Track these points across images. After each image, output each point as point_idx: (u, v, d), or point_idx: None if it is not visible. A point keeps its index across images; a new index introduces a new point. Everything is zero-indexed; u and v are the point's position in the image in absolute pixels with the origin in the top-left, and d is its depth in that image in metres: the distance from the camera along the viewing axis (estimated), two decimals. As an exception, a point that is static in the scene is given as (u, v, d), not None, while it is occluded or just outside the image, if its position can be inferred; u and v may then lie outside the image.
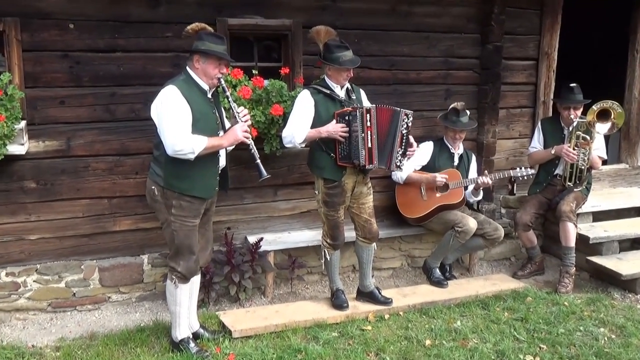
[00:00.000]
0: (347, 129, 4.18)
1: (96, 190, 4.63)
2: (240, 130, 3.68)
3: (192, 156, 3.54)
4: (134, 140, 4.64)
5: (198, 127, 3.59)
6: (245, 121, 3.73)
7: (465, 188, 5.17)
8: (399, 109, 4.19)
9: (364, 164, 4.21)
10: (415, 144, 4.32)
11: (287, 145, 4.28)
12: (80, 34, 4.38)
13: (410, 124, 4.21)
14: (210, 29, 3.78)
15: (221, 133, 3.79)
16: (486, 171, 5.25)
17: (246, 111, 3.82)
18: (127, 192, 4.70)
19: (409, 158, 4.34)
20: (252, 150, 3.74)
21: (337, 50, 4.14)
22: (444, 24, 5.40)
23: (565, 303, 4.79)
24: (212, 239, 4.10)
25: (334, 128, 4.18)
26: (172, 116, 3.49)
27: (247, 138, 3.71)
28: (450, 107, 5.22)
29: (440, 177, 5.01)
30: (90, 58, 4.44)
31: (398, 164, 4.23)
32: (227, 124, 3.88)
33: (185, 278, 3.83)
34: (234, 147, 3.84)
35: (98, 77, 4.48)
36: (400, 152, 4.21)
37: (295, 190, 5.19)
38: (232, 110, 3.76)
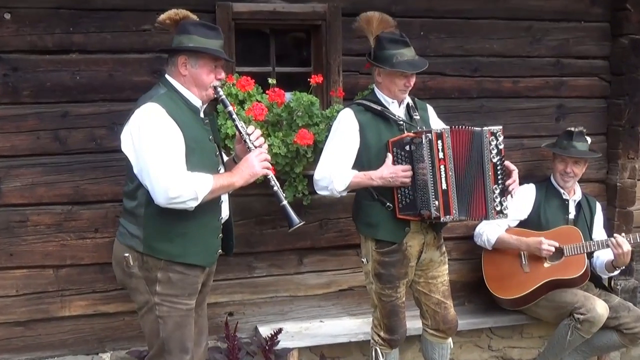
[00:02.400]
0: (409, 168, 4.16)
1: (37, 256, 4.63)
2: (257, 159, 3.69)
3: (193, 204, 3.53)
4: (93, 182, 4.65)
5: (193, 161, 3.58)
6: (260, 145, 3.76)
7: (589, 255, 5.10)
8: (479, 128, 4.16)
9: (438, 215, 4.15)
10: (515, 170, 4.25)
11: (321, 193, 4.29)
12: (19, 27, 4.44)
13: (502, 147, 4.14)
14: (194, 16, 3.80)
15: (221, 169, 3.83)
16: (622, 233, 5.22)
17: (258, 131, 3.82)
18: (82, 259, 4.71)
19: (512, 195, 4.27)
20: (275, 188, 3.74)
21: (390, 45, 4.17)
22: (554, 7, 5.37)
23: None
24: (206, 329, 4.09)
25: (393, 172, 4.12)
26: (159, 148, 3.48)
27: (268, 169, 3.73)
28: (564, 131, 5.18)
29: (548, 242, 4.95)
30: (32, 62, 4.48)
31: (499, 208, 4.17)
32: (225, 157, 3.96)
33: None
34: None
35: (43, 89, 4.51)
36: (499, 190, 4.16)
37: (330, 257, 5.18)
38: (239, 133, 3.77)
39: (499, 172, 4.14)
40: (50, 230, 4.65)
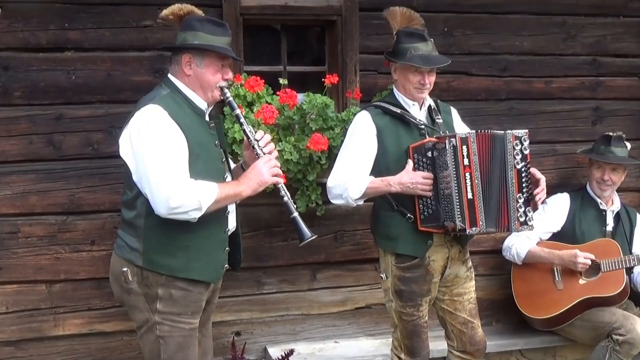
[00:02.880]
0: (431, 175, 4.15)
1: (29, 270, 4.64)
2: (266, 167, 3.68)
3: (196, 215, 3.51)
4: (90, 190, 4.67)
5: (197, 168, 3.57)
6: (270, 152, 3.76)
7: (629, 271, 5.09)
8: (502, 131, 4.16)
9: (463, 227, 4.13)
10: (542, 178, 4.23)
11: (335, 201, 4.28)
12: (11, 22, 4.46)
13: (527, 152, 4.15)
14: (199, 11, 3.79)
15: (228, 176, 3.83)
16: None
17: (268, 136, 3.81)
18: (78, 274, 4.72)
19: (539, 205, 4.27)
20: (286, 198, 3.74)
21: (406, 39, 4.20)
22: (590, 1, 5.38)
23: None
24: (211, 350, 4.07)
25: (412, 178, 4.11)
26: (160, 153, 3.48)
27: (277, 177, 3.72)
28: (601, 136, 5.17)
29: (584, 254, 4.93)
30: (25, 61, 4.50)
31: (523, 219, 4.16)
32: (232, 164, 3.95)
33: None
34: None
35: (36, 90, 4.53)
36: (523, 200, 4.16)
37: (346, 273, 5.19)
38: (246, 138, 3.76)
39: (523, 180, 4.13)
40: (43, 242, 4.66)
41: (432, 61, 4.17)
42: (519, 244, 5.08)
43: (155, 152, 3.48)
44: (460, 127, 4.45)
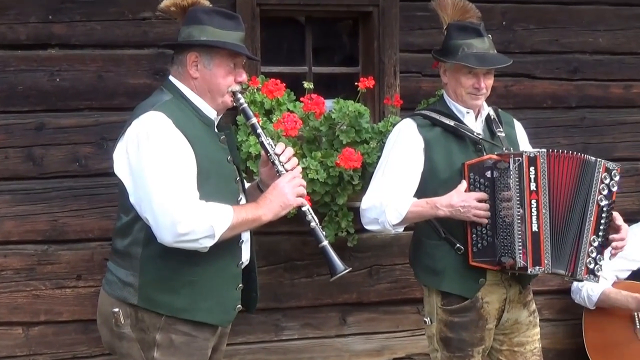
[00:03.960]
0: (486, 197, 4.11)
1: (2, 310, 4.66)
2: (289, 186, 3.68)
3: (208, 243, 3.50)
4: (76, 214, 4.69)
5: (207, 188, 3.56)
6: (292, 168, 3.76)
7: None
8: (593, 158, 4.14)
9: (525, 265, 4.10)
10: (625, 227, 4.22)
11: (369, 227, 4.27)
12: (-15, 15, 4.51)
13: (615, 189, 4.15)
14: (206, 1, 3.78)
15: (242, 199, 3.82)
16: None
17: (290, 150, 3.79)
18: (60, 315, 4.74)
19: (613, 256, 4.27)
20: (313, 224, 3.72)
21: (457, 34, 4.23)
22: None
23: None
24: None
25: (465, 200, 4.10)
26: (164, 169, 3.46)
27: (302, 197, 3.71)
28: None
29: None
30: (0, 59, 4.53)
31: (592, 266, 4.14)
32: (246, 183, 3.95)
33: None
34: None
35: (14, 95, 4.56)
36: (597, 243, 4.14)
37: (382, 316, 5.20)
38: (265, 152, 3.76)
39: (602, 221, 4.14)
40: (20, 276, 4.67)
41: (489, 61, 4.16)
42: (590, 285, 5.04)
43: (158, 167, 3.47)
44: (526, 144, 4.45)
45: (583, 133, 5.23)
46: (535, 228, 4.06)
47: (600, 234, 4.13)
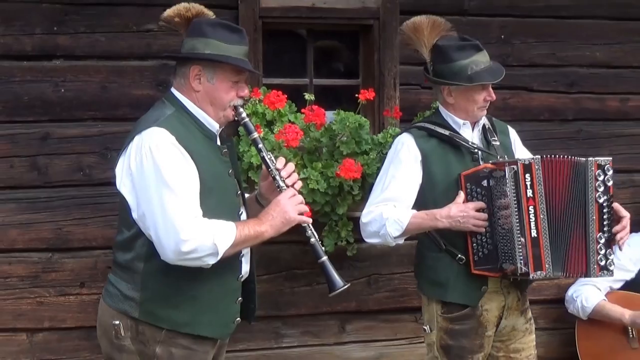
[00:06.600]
0: (484, 206, 4.13)
1: (7, 317, 4.68)
2: (290, 203, 3.66)
3: (212, 261, 3.48)
4: (80, 223, 4.71)
5: (209, 204, 3.55)
6: (293, 183, 3.74)
7: None
8: (584, 158, 4.18)
9: (526, 270, 4.12)
10: (627, 216, 4.26)
11: (370, 241, 4.30)
12: (-11, 26, 4.53)
13: (610, 184, 4.17)
14: (210, 13, 3.76)
15: (242, 212, 3.82)
16: None
17: (291, 165, 3.79)
18: (65, 321, 4.75)
19: (621, 246, 4.27)
20: (313, 240, 3.71)
21: (459, 54, 4.20)
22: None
23: None
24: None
25: (463, 211, 4.12)
26: (168, 187, 3.45)
27: (303, 215, 3.69)
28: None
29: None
30: (6, 71, 4.57)
31: (603, 262, 4.17)
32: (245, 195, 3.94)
33: None
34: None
35: (19, 105, 4.59)
36: (604, 240, 4.16)
37: (381, 324, 5.20)
38: (266, 167, 3.75)
39: (605, 217, 4.15)
40: (25, 284, 4.68)
41: (498, 72, 4.20)
42: (585, 296, 5.08)
43: (161, 185, 3.45)
44: (521, 151, 4.47)
45: (580, 145, 5.22)
46: (534, 234, 4.09)
47: (606, 229, 4.16)
